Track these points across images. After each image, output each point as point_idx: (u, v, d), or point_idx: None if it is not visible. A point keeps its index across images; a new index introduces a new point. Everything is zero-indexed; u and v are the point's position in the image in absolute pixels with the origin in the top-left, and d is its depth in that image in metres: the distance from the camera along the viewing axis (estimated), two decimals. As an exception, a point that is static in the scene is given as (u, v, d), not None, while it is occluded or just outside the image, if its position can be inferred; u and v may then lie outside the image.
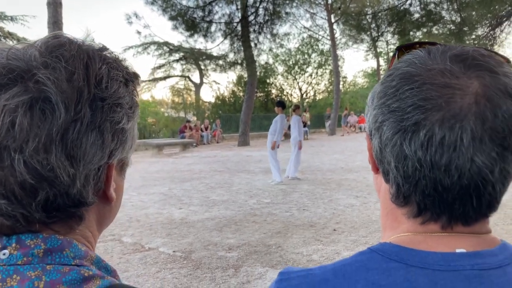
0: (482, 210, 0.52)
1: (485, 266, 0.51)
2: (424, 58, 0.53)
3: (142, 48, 29.14)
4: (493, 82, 0.49)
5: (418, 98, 0.49)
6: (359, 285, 0.50)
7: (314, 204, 7.09)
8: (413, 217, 0.55)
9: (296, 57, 38.18)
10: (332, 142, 20.96)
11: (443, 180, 0.49)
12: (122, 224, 5.91)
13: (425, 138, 0.48)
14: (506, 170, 0.49)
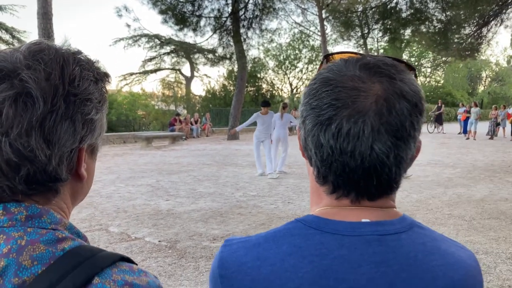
0: (383, 188, 0.65)
1: (383, 232, 0.63)
2: (340, 66, 0.65)
3: (133, 40, 28.95)
4: (391, 86, 0.62)
5: (332, 98, 0.62)
6: (284, 247, 0.63)
7: (299, 197, 7.24)
8: (330, 194, 0.67)
9: (287, 52, 38.28)
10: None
11: (350, 163, 0.61)
12: (109, 214, 6.01)
13: (336, 130, 0.61)
14: (400, 155, 0.62)
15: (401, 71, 0.65)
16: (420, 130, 0.66)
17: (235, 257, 0.65)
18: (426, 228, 0.68)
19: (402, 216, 0.67)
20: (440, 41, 15.66)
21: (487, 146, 16.69)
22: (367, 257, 0.61)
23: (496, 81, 55.20)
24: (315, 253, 0.62)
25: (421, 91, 0.65)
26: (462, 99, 40.50)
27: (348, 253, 0.61)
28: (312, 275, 0.60)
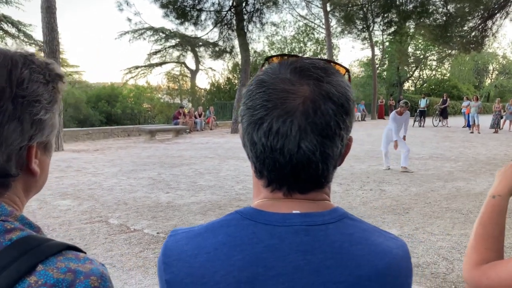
0: (312, 183, 0.70)
1: (311, 223, 0.68)
2: (275, 69, 0.70)
3: (138, 33, 28.98)
4: (317, 88, 0.66)
5: (264, 99, 0.66)
6: (220, 237, 0.68)
7: (298, 190, 7.29)
8: (266, 187, 0.72)
9: (292, 45, 38.20)
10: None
11: (280, 160, 0.66)
12: (109, 206, 6.10)
13: (267, 129, 0.65)
14: (326, 153, 0.67)
15: (331, 73, 0.69)
16: (349, 129, 0.70)
17: (177, 246, 0.70)
18: (357, 220, 0.73)
19: (334, 208, 0.72)
20: (442, 34, 15.56)
21: (491, 140, 16.63)
22: (295, 246, 0.66)
23: (503, 74, 54.77)
24: (247, 242, 0.66)
25: (348, 92, 0.69)
26: (468, 92, 40.26)
27: (278, 242, 0.66)
28: (243, 263, 0.65)
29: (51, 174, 8.55)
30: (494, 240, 0.96)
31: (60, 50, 39.76)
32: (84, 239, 4.73)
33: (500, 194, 1.00)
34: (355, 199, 6.69)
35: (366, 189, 7.43)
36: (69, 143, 14.65)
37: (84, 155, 11.77)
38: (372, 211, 5.98)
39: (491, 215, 0.98)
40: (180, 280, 0.67)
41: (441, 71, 48.59)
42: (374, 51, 34.17)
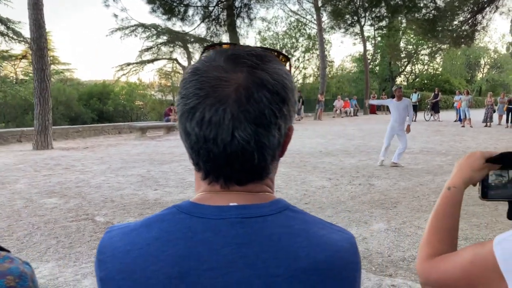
0: (249, 174, 0.68)
1: (248, 215, 0.66)
2: (210, 57, 0.68)
3: (130, 30, 28.81)
4: (251, 75, 0.64)
5: (196, 87, 0.64)
6: (154, 232, 0.66)
7: (287, 185, 7.28)
8: (203, 180, 0.70)
9: (284, 40, 38.13)
10: (318, 126, 21.13)
11: (214, 150, 0.64)
12: (96, 204, 6.05)
13: (199, 118, 0.63)
14: (262, 142, 0.64)
15: (267, 61, 0.67)
16: (287, 118, 0.68)
17: (111, 242, 0.68)
18: (299, 212, 0.71)
19: (275, 200, 0.70)
20: (431, 28, 15.58)
21: (481, 134, 16.71)
22: (230, 239, 0.64)
23: (495, 68, 55.05)
24: (181, 237, 0.64)
25: (286, 80, 0.67)
26: (460, 86, 40.41)
27: (212, 235, 0.64)
28: (175, 258, 0.63)
29: (38, 172, 8.50)
30: (447, 232, 0.94)
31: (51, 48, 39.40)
32: (69, 237, 4.68)
33: (455, 186, 0.97)
34: (344, 193, 6.68)
35: (355, 183, 7.43)
36: (59, 141, 14.54)
37: (73, 153, 11.68)
38: (360, 205, 5.98)
39: (445, 207, 0.96)
40: (112, 277, 0.65)
41: (433, 65, 48.79)
42: (366, 46, 34.21)
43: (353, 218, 5.35)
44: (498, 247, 0.75)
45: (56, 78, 33.51)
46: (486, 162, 0.98)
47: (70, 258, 4.12)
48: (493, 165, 0.98)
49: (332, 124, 22.11)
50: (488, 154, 0.98)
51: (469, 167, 0.98)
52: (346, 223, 5.17)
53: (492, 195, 1.02)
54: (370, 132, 17.35)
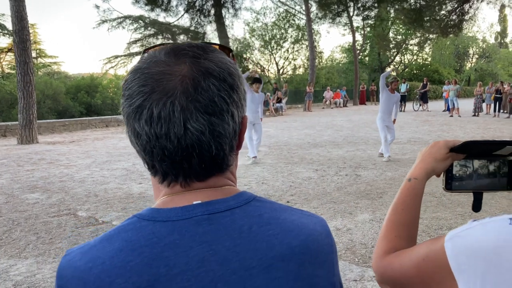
0: (209, 167, 0.65)
1: (214, 211, 0.64)
2: (150, 55, 0.65)
3: (117, 22, 28.47)
4: (195, 65, 0.62)
5: (139, 85, 0.62)
6: (116, 244, 0.62)
7: (274, 177, 7.24)
8: (162, 183, 0.66)
9: (273, 31, 37.94)
10: (306, 117, 21.10)
11: (168, 146, 0.61)
12: (79, 199, 5.97)
13: (148, 116, 0.60)
14: (217, 131, 0.62)
15: (209, 51, 0.66)
16: (239, 105, 0.66)
17: (70, 264, 0.63)
18: (267, 201, 0.69)
19: (239, 193, 0.68)
20: (417, 17, 15.56)
21: (469, 123, 16.80)
22: (198, 238, 0.61)
23: (483, 57, 55.32)
24: (145, 244, 0.61)
25: (231, 67, 0.66)
26: (449, 76, 40.56)
27: (179, 237, 0.61)
28: (141, 266, 0.59)
29: (21, 167, 8.37)
30: (405, 227, 0.88)
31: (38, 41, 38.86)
32: (50, 233, 4.60)
33: (417, 177, 0.92)
34: (330, 184, 6.66)
35: (341, 174, 7.41)
36: (44, 135, 14.36)
37: (58, 147, 11.53)
38: (345, 196, 5.95)
39: (405, 200, 0.90)
40: None
41: (422, 55, 48.89)
42: (355, 36, 34.17)
43: (338, 209, 5.33)
44: (449, 243, 0.70)
45: (43, 72, 33.12)
46: (450, 152, 0.92)
47: (49, 254, 4.05)
48: (457, 155, 0.93)
49: (321, 115, 22.10)
50: (452, 143, 0.93)
51: (432, 157, 0.93)
52: (331, 214, 5.14)
53: (456, 187, 0.96)
54: (359, 123, 17.36)
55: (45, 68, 34.90)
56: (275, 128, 15.77)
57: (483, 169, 0.94)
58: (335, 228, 4.65)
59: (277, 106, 23.77)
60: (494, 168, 0.94)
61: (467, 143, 0.90)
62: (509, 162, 0.94)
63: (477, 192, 0.98)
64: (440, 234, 4.41)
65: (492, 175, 0.94)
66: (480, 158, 0.94)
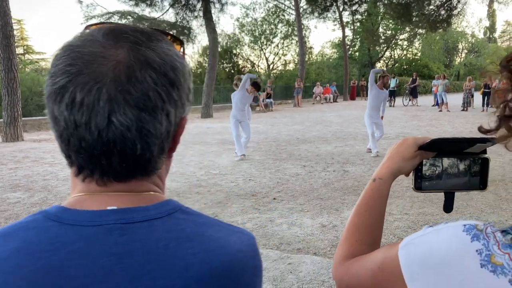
0: (131, 168, 0.58)
1: (130, 220, 0.57)
2: (88, 33, 0.58)
3: (105, 18, 28.23)
4: (134, 53, 0.55)
5: (66, 63, 0.54)
6: (14, 243, 0.54)
7: (261, 174, 7.18)
8: (77, 176, 0.59)
9: (263, 27, 37.83)
10: (296, 113, 21.07)
11: (86, 137, 0.54)
12: (62, 198, 5.86)
13: (69, 100, 0.53)
14: (146, 129, 0.55)
15: (155, 39, 0.59)
16: (178, 104, 0.59)
17: None
18: (193, 213, 0.63)
19: (164, 202, 0.61)
20: (404, 12, 15.57)
21: (458, 118, 16.86)
22: (108, 249, 0.55)
23: (472, 52, 55.69)
24: (46, 249, 0.54)
25: (176, 62, 0.59)
26: (439, 71, 40.75)
27: (86, 245, 0.54)
28: (37, 274, 0.52)
29: (4, 165, 8.22)
30: (367, 230, 0.82)
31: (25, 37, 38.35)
32: (30, 233, 4.50)
33: (382, 177, 0.85)
34: (317, 180, 6.61)
35: (329, 170, 7.36)
36: (30, 132, 14.16)
37: (44, 144, 11.36)
38: (332, 192, 5.91)
39: (368, 201, 0.84)
40: None
41: (412, 50, 49.09)
42: (345, 31, 34.17)
43: (324, 206, 5.28)
44: (402, 251, 0.64)
45: (30, 68, 32.72)
46: (419, 150, 0.86)
47: (28, 255, 3.96)
48: (426, 153, 0.87)
49: (311, 111, 22.07)
50: (422, 140, 0.87)
51: (399, 156, 0.87)
52: (317, 210, 5.09)
53: (426, 186, 0.91)
54: (348, 118, 17.35)
55: (33, 65, 34.49)
56: (264, 124, 15.71)
57: (453, 168, 0.89)
58: (321, 224, 4.60)
59: (267, 102, 23.71)
60: (465, 167, 0.88)
61: (435, 141, 0.84)
62: (481, 160, 0.88)
63: (448, 192, 0.92)
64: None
65: (463, 174, 0.89)
66: (450, 157, 0.88)
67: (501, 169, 7.10)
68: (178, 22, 21.08)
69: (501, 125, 0.64)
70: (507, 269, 0.55)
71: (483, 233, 0.58)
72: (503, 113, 0.63)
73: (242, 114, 8.67)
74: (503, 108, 0.63)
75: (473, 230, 0.59)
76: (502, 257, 0.56)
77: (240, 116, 8.62)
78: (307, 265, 3.61)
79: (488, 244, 0.57)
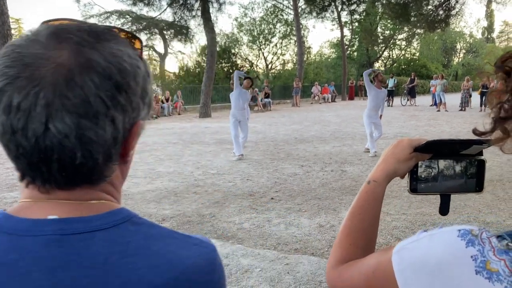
0: (70, 176, 0.54)
1: (70, 231, 0.53)
2: (34, 32, 0.55)
3: (104, 17, 28.18)
4: (77, 55, 0.52)
5: (5, 65, 0.51)
6: None
7: (259, 173, 7.16)
8: (21, 181, 0.56)
9: (261, 26, 37.78)
10: (294, 112, 21.05)
11: (23, 144, 0.52)
12: (59, 197, 5.84)
13: (7, 103, 0.51)
14: (87, 136, 0.52)
15: (104, 40, 0.55)
16: (127, 109, 0.56)
17: None
18: (145, 224, 0.59)
19: (113, 211, 0.57)
20: (402, 12, 15.57)
21: (456, 118, 16.86)
22: (42, 262, 0.51)
23: (470, 52, 55.74)
24: None
25: (125, 63, 0.55)
26: (437, 71, 40.74)
27: (19, 257, 0.51)
28: None
29: (1, 165, 8.18)
30: (361, 234, 0.80)
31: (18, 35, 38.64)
32: (27, 233, 4.48)
33: (376, 179, 0.84)
34: (315, 180, 6.60)
35: (327, 170, 7.35)
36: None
37: (42, 144, 11.36)
38: (330, 192, 5.90)
39: (363, 204, 0.82)
40: None
41: (410, 50, 49.09)
42: (343, 31, 34.15)
43: (322, 206, 5.27)
44: (396, 256, 0.63)
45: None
46: (414, 152, 0.85)
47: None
48: (422, 155, 0.85)
49: (309, 111, 22.06)
50: (417, 142, 0.85)
51: (394, 158, 0.85)
52: (315, 210, 5.08)
53: (422, 189, 0.89)
54: (347, 118, 17.34)
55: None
56: (263, 123, 15.70)
57: (449, 170, 0.87)
58: (318, 225, 4.59)
59: (265, 102, 23.70)
60: (461, 169, 0.87)
61: (431, 143, 0.83)
62: (477, 162, 0.87)
63: (444, 195, 0.91)
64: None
65: (459, 176, 0.87)
66: (446, 158, 0.86)
67: (498, 169, 7.10)
68: (176, 22, 21.06)
69: (496, 127, 0.62)
70: (503, 276, 0.54)
71: (478, 239, 0.57)
72: (498, 115, 0.62)
73: (242, 113, 8.66)
74: (498, 109, 0.62)
75: (468, 235, 0.58)
76: (497, 264, 0.55)
77: (239, 115, 8.63)
78: (305, 266, 3.60)
79: (483, 250, 0.56)
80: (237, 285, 3.29)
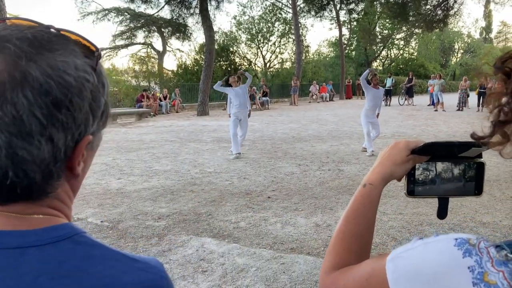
0: (5, 194, 0.52)
1: (0, 246, 0.51)
2: None
3: (102, 14, 28.09)
4: (13, 69, 0.48)
5: None
6: None
7: (256, 172, 7.15)
8: None
9: (260, 25, 37.72)
10: (292, 111, 21.04)
11: None
12: (55, 195, 5.81)
13: None
14: (19, 155, 0.49)
15: (47, 50, 0.51)
16: (68, 126, 0.52)
17: None
18: (87, 243, 0.55)
19: (54, 226, 0.54)
20: (401, 11, 15.56)
21: (453, 118, 16.88)
22: None
23: (468, 52, 55.79)
24: None
25: (69, 76, 0.51)
26: (435, 71, 40.79)
27: None
28: None
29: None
30: (356, 239, 0.78)
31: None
32: (22, 231, 4.45)
33: (372, 182, 0.81)
34: (312, 179, 6.58)
35: (324, 169, 7.34)
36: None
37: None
38: (327, 191, 5.89)
39: (358, 208, 0.80)
40: None
41: (409, 50, 49.12)
42: (342, 30, 34.13)
43: (319, 205, 5.26)
44: (390, 264, 0.61)
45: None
46: (412, 154, 0.83)
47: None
48: (419, 157, 0.83)
49: (307, 109, 22.05)
50: (414, 144, 0.83)
51: (390, 160, 0.83)
52: (311, 210, 5.07)
53: (419, 192, 0.87)
54: (344, 117, 17.34)
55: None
56: (260, 122, 15.68)
57: (447, 172, 0.85)
58: (315, 224, 4.58)
59: (263, 100, 23.68)
60: (460, 172, 0.85)
61: (428, 145, 0.81)
62: (476, 164, 0.85)
63: (442, 198, 0.89)
64: (420, 230, 4.36)
65: (457, 179, 0.85)
66: (444, 161, 0.84)
67: (495, 169, 7.10)
68: (174, 19, 21.01)
69: (496, 131, 0.60)
70: None
71: (476, 248, 0.55)
72: (498, 118, 0.60)
73: (242, 111, 8.68)
74: (497, 113, 0.60)
75: (465, 245, 0.56)
76: (496, 276, 0.53)
77: (241, 114, 8.65)
78: (300, 265, 3.58)
79: (481, 261, 0.54)
80: (233, 285, 3.27)
